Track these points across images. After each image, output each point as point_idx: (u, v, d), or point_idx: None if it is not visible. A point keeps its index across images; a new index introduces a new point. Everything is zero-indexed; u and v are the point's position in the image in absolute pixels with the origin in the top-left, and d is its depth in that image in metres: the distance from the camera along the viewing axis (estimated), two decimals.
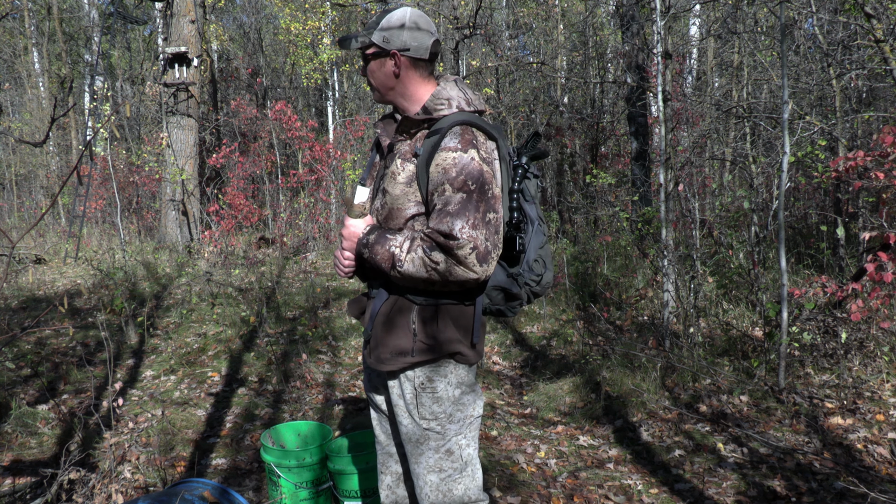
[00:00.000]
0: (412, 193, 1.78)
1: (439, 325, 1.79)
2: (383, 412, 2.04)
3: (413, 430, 1.85)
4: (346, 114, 16.45)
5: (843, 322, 4.13)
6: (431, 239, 1.70)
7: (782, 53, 4.02)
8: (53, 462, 3.33)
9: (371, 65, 1.84)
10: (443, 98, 1.81)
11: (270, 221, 11.46)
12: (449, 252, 1.67)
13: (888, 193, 3.88)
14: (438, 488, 1.86)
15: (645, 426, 3.69)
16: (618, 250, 7.58)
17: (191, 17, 9.91)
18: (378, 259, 1.75)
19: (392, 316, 1.82)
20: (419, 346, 1.79)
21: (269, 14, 18.40)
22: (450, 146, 1.72)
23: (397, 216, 1.80)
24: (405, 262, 1.71)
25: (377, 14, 1.85)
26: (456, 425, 1.85)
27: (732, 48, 8.70)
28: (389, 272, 1.75)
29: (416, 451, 1.86)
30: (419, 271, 1.70)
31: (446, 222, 1.67)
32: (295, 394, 4.31)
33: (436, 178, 1.72)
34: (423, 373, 1.82)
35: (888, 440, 3.34)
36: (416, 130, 1.83)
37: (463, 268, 1.68)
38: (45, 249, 10.24)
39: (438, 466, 1.85)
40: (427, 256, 1.69)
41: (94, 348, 5.29)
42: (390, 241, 1.74)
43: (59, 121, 16.00)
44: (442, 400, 1.82)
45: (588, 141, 11.08)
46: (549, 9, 12.95)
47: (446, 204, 1.69)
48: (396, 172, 1.80)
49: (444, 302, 1.79)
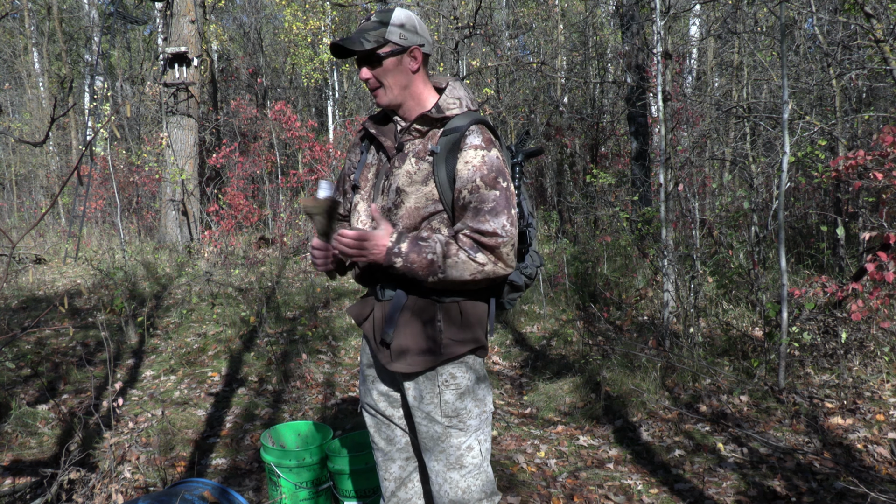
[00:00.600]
0: (429, 192, 1.78)
1: (463, 321, 1.82)
2: (385, 419, 2.01)
3: (434, 428, 1.85)
4: (346, 114, 16.45)
5: (843, 322, 4.13)
6: (473, 240, 1.71)
7: (782, 53, 4.02)
8: (53, 462, 3.33)
9: (385, 63, 1.79)
10: (454, 97, 1.83)
11: (270, 221, 11.46)
12: (493, 251, 1.70)
13: (888, 193, 3.88)
14: (459, 485, 1.86)
15: (645, 426, 3.69)
16: (618, 250, 7.58)
17: (191, 17, 9.91)
18: (414, 267, 1.71)
19: (417, 316, 1.82)
20: (446, 344, 1.81)
21: (270, 14, 18.41)
22: (476, 144, 1.75)
23: (414, 215, 1.79)
24: (446, 267, 1.70)
25: (375, 15, 1.81)
26: (476, 420, 1.87)
27: (732, 48, 8.70)
28: (426, 279, 1.73)
29: (436, 448, 1.86)
30: (462, 275, 1.72)
31: (488, 221, 1.70)
32: (295, 394, 4.31)
33: (466, 175, 1.74)
34: (446, 370, 1.83)
35: (888, 440, 3.34)
36: (428, 129, 1.83)
37: (503, 265, 1.73)
38: (45, 249, 10.24)
39: (460, 463, 1.86)
40: (472, 259, 1.70)
41: (94, 348, 5.29)
42: (426, 249, 1.71)
43: (59, 121, 16.00)
44: (464, 395, 1.85)
45: (588, 141, 11.08)
46: (549, 9, 12.95)
47: (482, 202, 1.72)
48: (412, 171, 1.79)
49: (462, 299, 1.82)
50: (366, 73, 1.81)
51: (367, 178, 1.91)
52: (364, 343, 2.02)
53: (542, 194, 11.55)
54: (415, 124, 1.82)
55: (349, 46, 1.77)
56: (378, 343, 1.87)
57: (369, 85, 1.83)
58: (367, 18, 1.83)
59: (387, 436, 2.02)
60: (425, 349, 1.81)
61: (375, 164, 1.91)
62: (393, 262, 1.72)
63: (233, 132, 13.86)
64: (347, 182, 2.02)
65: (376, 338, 1.88)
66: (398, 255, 1.71)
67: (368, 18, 1.82)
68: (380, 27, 1.78)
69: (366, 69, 1.81)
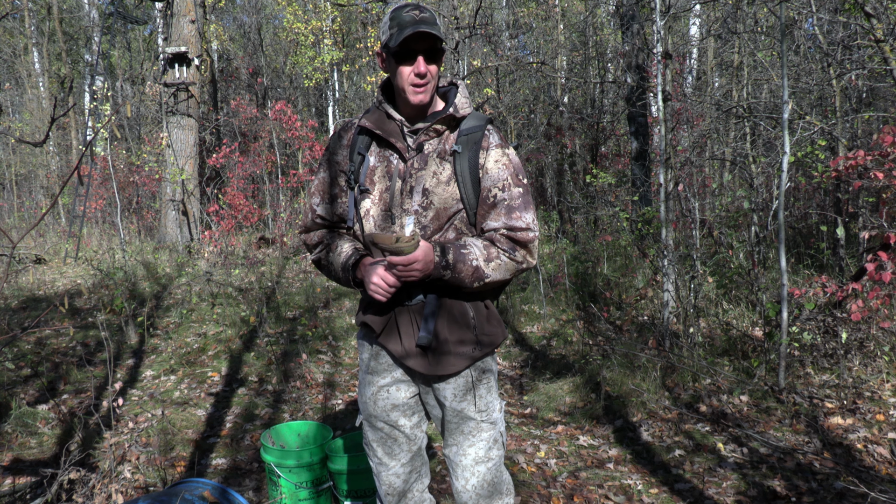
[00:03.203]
0: (453, 192, 1.79)
1: (489, 315, 1.88)
2: (396, 429, 1.93)
3: (468, 424, 1.88)
4: (346, 114, 16.45)
5: (843, 322, 4.13)
6: (509, 239, 1.76)
7: (782, 53, 4.02)
8: (53, 462, 3.33)
9: (440, 61, 1.75)
10: (466, 97, 1.86)
11: (270, 221, 11.46)
12: (526, 246, 1.77)
13: (888, 193, 3.88)
14: (485, 478, 1.90)
15: (645, 426, 3.69)
16: (618, 250, 7.58)
17: (191, 17, 9.91)
18: (461, 276, 1.73)
19: (453, 317, 1.83)
20: (481, 341, 1.85)
21: (270, 14, 18.40)
22: (499, 143, 1.81)
23: (442, 216, 1.79)
24: (490, 270, 1.75)
25: (421, 8, 1.71)
26: (498, 414, 1.93)
27: (732, 48, 8.69)
28: (472, 285, 1.76)
29: (466, 443, 1.89)
30: (505, 275, 1.78)
31: (521, 217, 1.76)
32: (295, 394, 4.31)
33: (496, 174, 1.78)
34: (479, 366, 1.88)
35: (888, 440, 3.34)
36: (445, 129, 1.82)
37: (531, 258, 1.81)
38: (45, 249, 10.24)
39: (488, 456, 1.90)
40: (512, 259, 1.77)
41: (94, 348, 5.29)
42: (469, 256, 1.73)
43: (59, 121, 16.00)
44: (492, 389, 1.92)
45: (588, 141, 11.07)
46: (549, 9, 12.95)
47: (512, 199, 1.77)
48: (438, 172, 1.79)
49: (484, 297, 1.88)
50: (425, 67, 1.72)
51: (373, 181, 1.83)
52: (371, 353, 1.92)
53: (542, 194, 11.54)
54: (435, 124, 1.79)
55: (441, 37, 1.69)
56: (409, 351, 1.81)
57: (424, 80, 1.73)
58: (421, 9, 1.71)
59: (391, 450, 1.96)
60: (465, 348, 1.84)
61: (381, 165, 1.83)
62: (442, 276, 1.73)
63: (233, 132, 13.86)
64: (340, 183, 1.91)
65: (405, 346, 1.81)
66: (447, 269, 1.72)
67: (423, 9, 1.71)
68: (436, 25, 1.71)
69: (425, 62, 1.72)
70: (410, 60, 1.71)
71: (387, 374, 1.91)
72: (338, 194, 1.91)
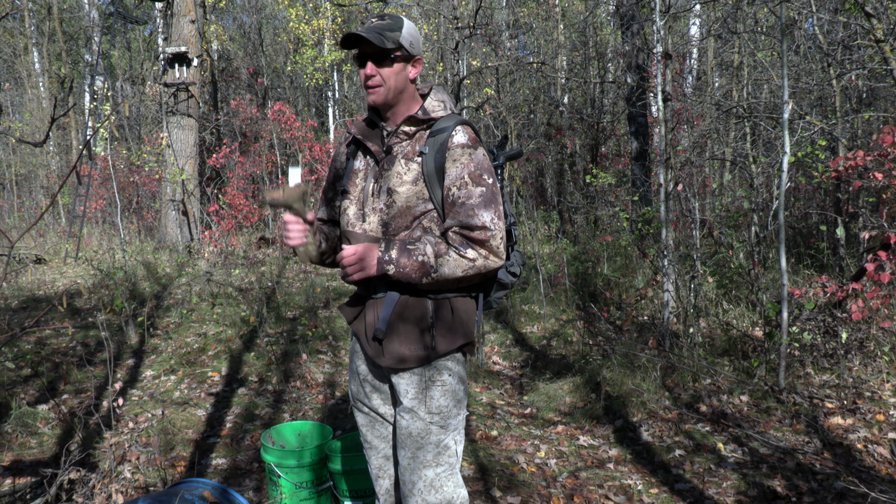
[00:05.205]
0: (419, 192, 1.82)
1: (453, 318, 1.86)
2: (379, 416, 2.03)
3: (416, 425, 1.87)
4: (346, 114, 16.45)
5: (844, 322, 4.13)
6: (462, 236, 1.77)
7: (782, 53, 4.02)
8: (53, 462, 3.33)
9: (395, 65, 1.82)
10: (439, 100, 1.90)
11: (270, 221, 11.46)
12: (483, 244, 1.76)
13: (888, 193, 3.88)
14: (432, 484, 1.88)
15: (645, 426, 3.69)
16: (618, 250, 7.58)
17: (191, 17, 9.91)
18: (407, 271, 1.76)
19: (408, 314, 1.85)
20: (437, 341, 1.84)
21: (270, 14, 18.40)
22: (462, 143, 1.81)
23: (406, 215, 1.82)
24: (438, 266, 1.75)
25: (387, 17, 1.83)
26: (455, 420, 1.90)
27: (732, 48, 8.69)
28: (420, 280, 1.77)
29: (413, 446, 1.88)
30: (454, 272, 1.76)
31: (476, 215, 1.76)
32: (295, 394, 4.31)
33: (454, 172, 1.79)
34: (435, 367, 1.86)
35: (888, 440, 3.34)
36: (415, 131, 1.87)
37: (494, 258, 1.78)
38: (45, 249, 10.24)
39: (436, 461, 1.88)
40: (462, 256, 1.76)
41: (94, 348, 5.29)
42: (415, 252, 1.76)
43: (59, 121, 16.01)
44: (448, 393, 1.88)
45: (588, 141, 11.07)
46: (549, 9, 12.95)
47: (469, 197, 1.77)
48: (402, 173, 1.84)
49: (453, 296, 1.86)
50: (372, 69, 1.82)
51: (354, 183, 1.94)
52: (354, 341, 2.04)
53: (542, 194, 11.55)
54: (402, 126, 1.86)
55: (375, 42, 1.77)
56: (370, 339, 1.90)
57: (371, 81, 1.83)
58: (381, 17, 1.83)
59: (380, 433, 2.04)
60: (417, 346, 1.84)
61: (363, 168, 1.94)
62: (386, 270, 1.77)
63: (233, 132, 13.86)
64: (336, 186, 2.06)
65: (367, 335, 1.90)
66: (389, 263, 1.76)
67: (382, 17, 1.83)
68: (395, 31, 1.81)
69: (373, 65, 1.82)
70: (362, 64, 1.84)
71: (364, 361, 2.01)
72: (334, 196, 2.07)
